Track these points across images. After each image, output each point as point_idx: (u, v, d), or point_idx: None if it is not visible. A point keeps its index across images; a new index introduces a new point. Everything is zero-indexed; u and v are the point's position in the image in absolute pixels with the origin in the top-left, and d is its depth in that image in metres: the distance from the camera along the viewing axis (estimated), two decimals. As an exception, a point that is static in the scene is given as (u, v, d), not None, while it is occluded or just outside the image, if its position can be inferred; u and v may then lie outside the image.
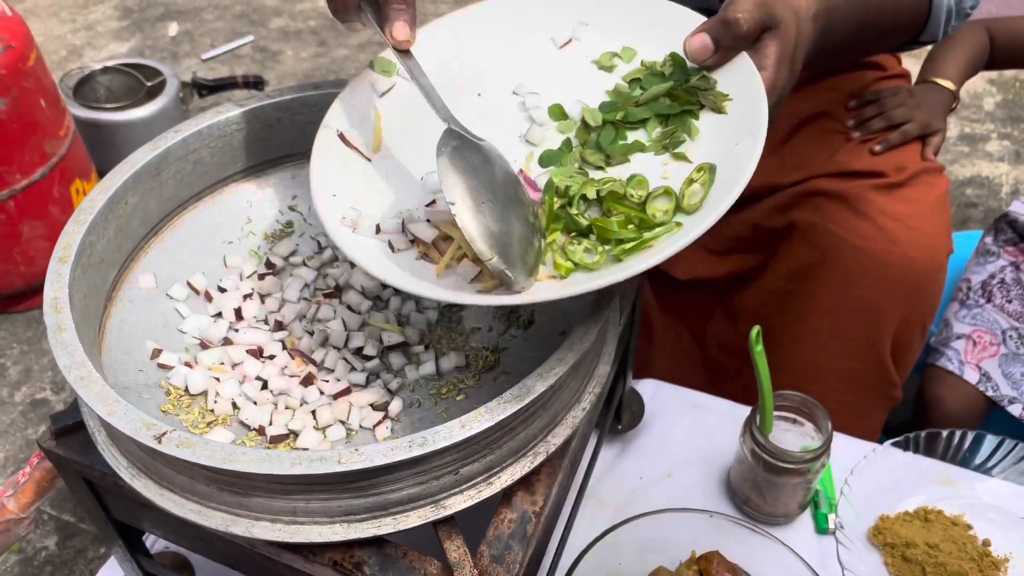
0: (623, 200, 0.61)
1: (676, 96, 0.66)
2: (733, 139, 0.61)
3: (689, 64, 0.67)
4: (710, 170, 0.60)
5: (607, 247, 0.59)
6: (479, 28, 0.75)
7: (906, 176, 1.04)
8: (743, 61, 0.64)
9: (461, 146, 0.62)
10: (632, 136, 0.66)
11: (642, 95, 0.67)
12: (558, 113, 0.69)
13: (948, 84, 1.16)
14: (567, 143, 0.67)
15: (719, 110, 0.64)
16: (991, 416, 1.22)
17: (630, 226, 0.59)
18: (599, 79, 0.71)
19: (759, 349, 0.77)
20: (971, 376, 1.19)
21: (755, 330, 0.76)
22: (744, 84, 0.63)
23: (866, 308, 1.02)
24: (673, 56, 0.68)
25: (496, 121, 0.70)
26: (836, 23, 0.72)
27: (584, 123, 0.68)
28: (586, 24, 0.73)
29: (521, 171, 0.65)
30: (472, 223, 0.57)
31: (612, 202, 0.61)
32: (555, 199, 0.62)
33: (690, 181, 0.60)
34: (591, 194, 0.62)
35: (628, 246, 0.57)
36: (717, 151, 0.62)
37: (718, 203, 0.56)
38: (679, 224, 0.58)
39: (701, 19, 0.67)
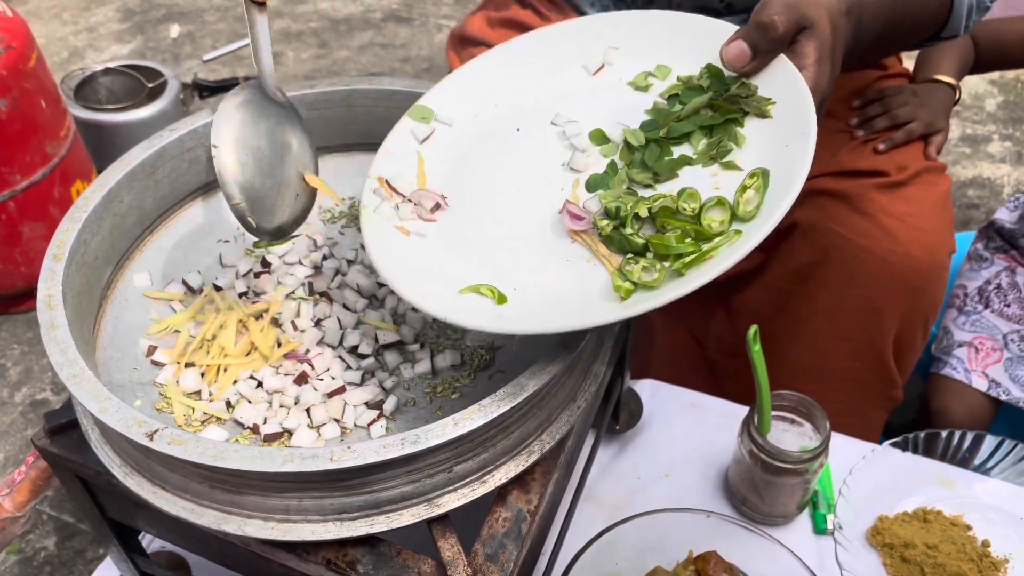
0: (676, 214, 0.59)
1: (718, 106, 0.65)
2: (782, 141, 0.60)
3: (727, 73, 0.66)
4: (763, 175, 0.59)
5: (665, 263, 0.57)
6: (510, 66, 0.75)
7: (908, 175, 1.03)
8: (782, 63, 0.64)
9: (257, 100, 0.65)
10: (677, 151, 0.65)
11: (682, 109, 0.66)
12: (599, 137, 0.68)
13: (949, 80, 1.16)
14: (612, 166, 0.66)
15: (764, 115, 0.63)
16: (998, 417, 1.21)
17: (687, 240, 0.58)
18: (636, 100, 0.70)
19: (756, 349, 0.76)
20: (980, 384, 1.18)
21: (752, 330, 0.76)
22: (786, 86, 0.63)
23: (867, 308, 1.02)
24: (709, 67, 0.67)
25: (539, 152, 0.70)
26: (866, 20, 0.72)
27: (627, 144, 0.67)
28: (616, 48, 0.73)
29: (567, 202, 0.63)
30: (229, 167, 0.63)
31: (665, 218, 0.59)
32: (606, 221, 0.61)
33: (743, 188, 0.58)
34: (643, 212, 0.60)
35: (688, 259, 0.56)
36: (767, 156, 0.61)
37: (775, 206, 0.55)
38: (738, 232, 0.56)
39: (731, 28, 0.66)
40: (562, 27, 0.75)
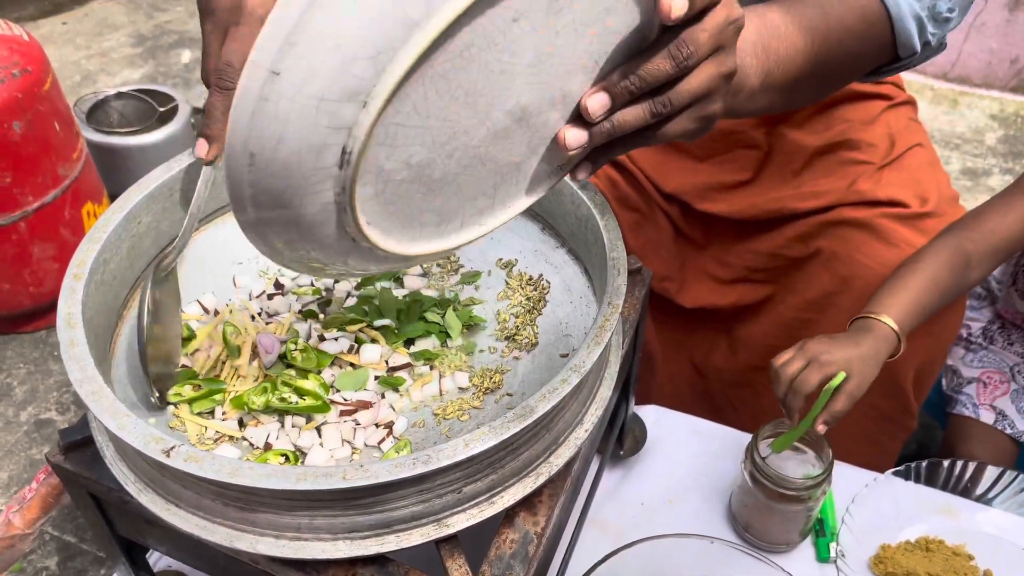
0: None
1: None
2: None
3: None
4: None
5: None
6: None
7: (929, 208, 1.04)
8: None
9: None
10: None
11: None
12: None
13: (889, 320, 0.84)
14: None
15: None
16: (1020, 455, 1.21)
17: None
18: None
19: (834, 385, 0.78)
20: (987, 417, 1.19)
21: (839, 377, 0.77)
22: None
23: None
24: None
25: None
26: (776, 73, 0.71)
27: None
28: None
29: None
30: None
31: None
32: None
33: None
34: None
35: None
36: None
37: None
38: None
39: None
40: None
